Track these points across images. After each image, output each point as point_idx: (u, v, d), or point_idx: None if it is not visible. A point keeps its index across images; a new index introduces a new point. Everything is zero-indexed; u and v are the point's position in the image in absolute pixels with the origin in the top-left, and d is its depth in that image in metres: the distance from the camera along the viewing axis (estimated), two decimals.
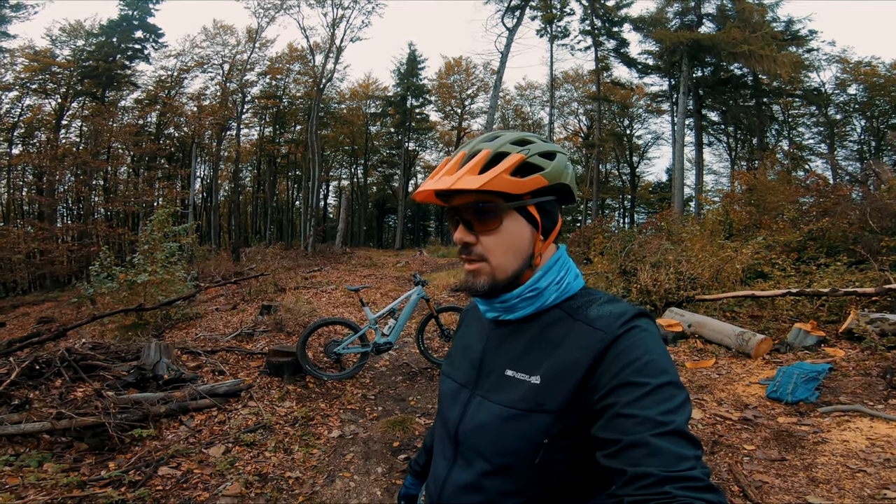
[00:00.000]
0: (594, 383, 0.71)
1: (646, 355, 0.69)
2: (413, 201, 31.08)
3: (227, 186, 32.71)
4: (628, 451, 0.62)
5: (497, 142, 0.81)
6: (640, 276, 6.83)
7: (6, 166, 22.52)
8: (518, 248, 0.81)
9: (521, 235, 0.81)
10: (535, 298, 0.82)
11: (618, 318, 0.74)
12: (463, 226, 0.81)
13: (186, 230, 9.20)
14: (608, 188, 32.83)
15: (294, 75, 27.78)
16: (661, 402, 0.64)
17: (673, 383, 0.67)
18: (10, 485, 2.51)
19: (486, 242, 0.80)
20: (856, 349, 4.55)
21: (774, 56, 16.41)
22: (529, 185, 0.78)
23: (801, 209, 10.01)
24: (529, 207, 0.81)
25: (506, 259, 0.81)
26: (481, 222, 0.80)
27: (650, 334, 0.73)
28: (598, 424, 0.68)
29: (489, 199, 0.78)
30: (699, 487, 0.58)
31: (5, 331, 10.40)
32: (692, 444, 0.62)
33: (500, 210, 0.79)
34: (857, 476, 2.64)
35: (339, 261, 17.65)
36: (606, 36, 23.32)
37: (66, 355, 4.00)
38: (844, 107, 21.96)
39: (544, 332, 0.81)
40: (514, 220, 0.80)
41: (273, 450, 3.32)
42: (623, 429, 0.64)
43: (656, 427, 0.62)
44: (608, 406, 0.67)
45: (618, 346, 0.71)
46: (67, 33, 22.41)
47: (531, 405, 0.75)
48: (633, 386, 0.66)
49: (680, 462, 0.59)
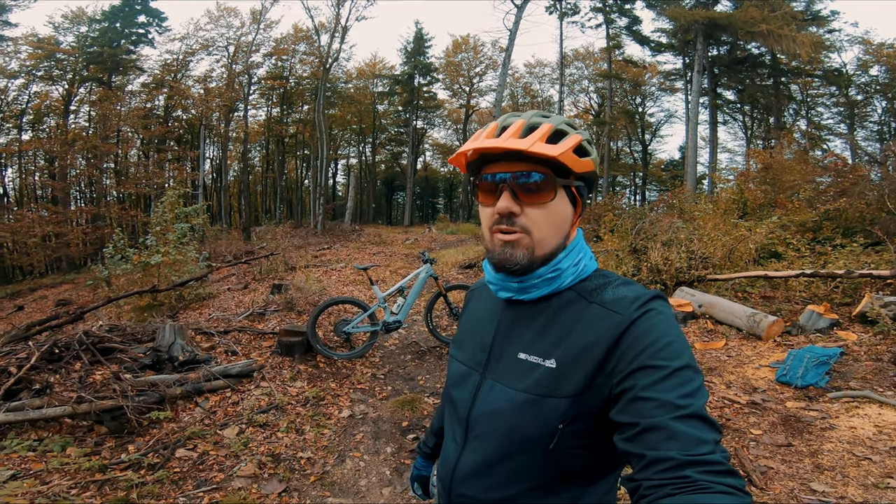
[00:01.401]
0: (611, 367, 0.70)
1: (663, 338, 0.69)
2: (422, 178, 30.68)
3: (236, 167, 32.81)
4: (647, 435, 0.62)
5: (554, 119, 0.81)
6: (651, 255, 6.77)
7: (17, 152, 22.75)
8: (561, 225, 0.81)
9: (565, 213, 0.82)
10: (554, 280, 0.81)
11: (634, 301, 0.74)
12: (510, 193, 0.79)
13: (197, 211, 9.24)
14: (619, 165, 32.40)
15: (300, 56, 27.55)
16: (680, 386, 0.64)
17: (691, 366, 0.67)
18: (35, 470, 2.60)
19: (533, 215, 0.79)
20: (868, 333, 4.49)
21: (794, 36, 15.86)
22: (584, 167, 0.80)
23: (817, 189, 9.79)
24: (573, 188, 0.82)
25: (550, 234, 0.80)
26: (532, 194, 0.78)
27: (666, 317, 0.73)
28: (617, 408, 0.68)
29: (546, 171, 0.78)
30: (719, 472, 0.58)
31: (24, 314, 10.66)
32: (711, 428, 0.62)
33: (554, 184, 0.79)
34: (863, 464, 2.64)
35: (348, 238, 17.71)
36: (618, 13, 22.70)
37: (83, 338, 4.09)
38: (865, 88, 21.39)
39: (558, 314, 0.80)
40: (562, 197, 0.81)
41: (285, 430, 3.40)
42: (642, 412, 0.64)
43: (675, 410, 0.62)
44: (626, 390, 0.67)
45: (635, 329, 0.71)
46: (70, 20, 22.36)
47: (546, 390, 0.75)
48: (651, 369, 0.66)
49: (699, 445, 0.59)
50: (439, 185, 44.35)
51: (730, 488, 0.56)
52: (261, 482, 2.78)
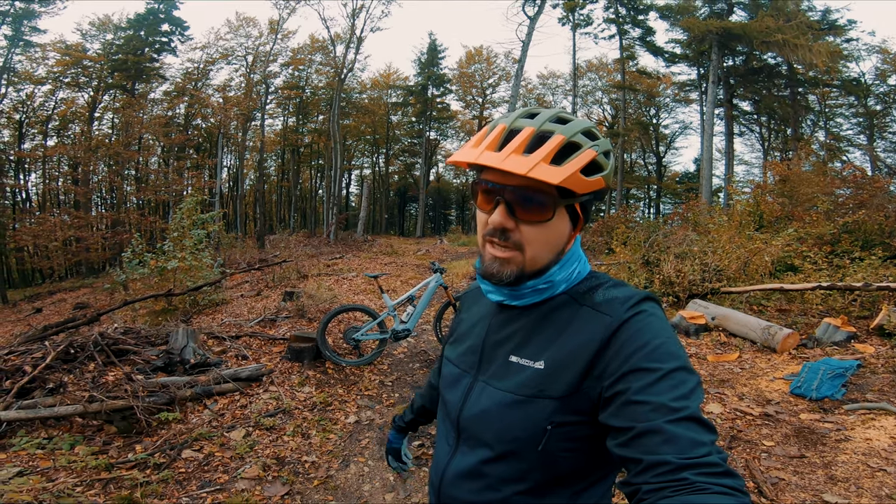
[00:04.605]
0: (601, 369, 0.69)
1: (655, 339, 0.68)
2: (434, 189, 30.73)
3: (252, 176, 33.37)
4: (642, 439, 0.61)
5: (569, 128, 0.74)
6: (664, 267, 6.70)
7: (41, 157, 23.43)
8: (556, 242, 0.78)
9: (563, 231, 0.78)
10: (545, 290, 0.80)
11: (624, 302, 0.73)
12: (505, 208, 0.75)
13: (213, 218, 9.44)
14: (633, 178, 32.18)
15: (316, 66, 28.17)
16: (674, 388, 0.63)
17: (684, 368, 0.66)
18: (42, 467, 2.64)
19: (528, 233, 0.75)
20: (886, 346, 4.39)
21: (810, 45, 15.72)
22: (592, 186, 0.74)
23: (836, 201, 9.63)
24: (576, 205, 0.78)
25: (542, 252, 0.77)
26: (529, 211, 0.74)
27: (657, 318, 0.72)
28: (609, 411, 0.67)
29: (547, 189, 0.73)
30: (717, 473, 0.57)
31: (42, 316, 10.90)
32: (707, 429, 0.61)
33: (555, 204, 0.74)
34: (877, 475, 2.57)
35: (360, 248, 17.83)
36: (631, 24, 22.74)
37: (98, 340, 4.17)
38: (884, 97, 21.02)
39: (549, 316, 0.79)
40: (561, 216, 0.76)
41: (291, 434, 3.41)
42: (636, 416, 0.63)
43: (670, 413, 0.61)
44: (618, 393, 0.66)
45: (625, 330, 0.70)
46: (97, 27, 23.16)
47: (535, 391, 0.74)
48: (643, 372, 0.65)
49: (696, 448, 0.58)
50: (452, 197, 44.48)
51: (728, 489, 0.56)
52: (264, 485, 2.79)
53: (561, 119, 0.77)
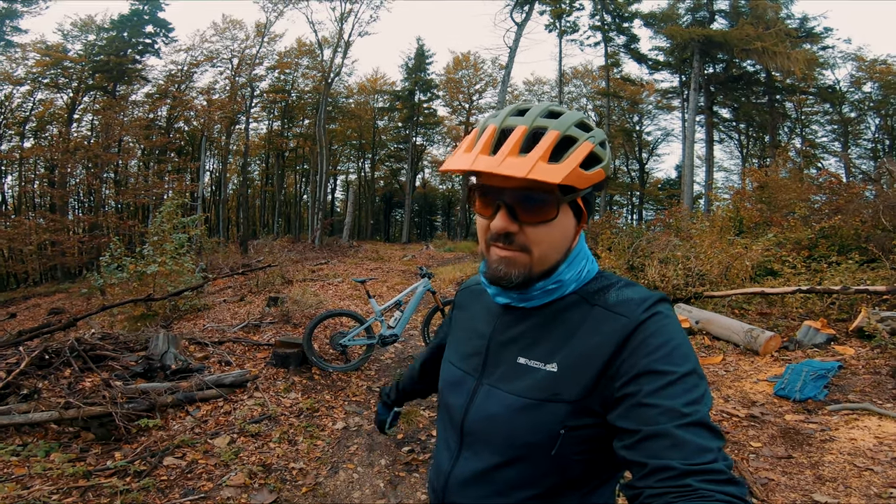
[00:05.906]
0: (615, 370, 0.68)
1: (671, 342, 0.67)
2: (420, 195, 30.68)
3: (235, 180, 32.99)
4: (649, 443, 0.60)
5: (562, 122, 0.72)
6: (648, 272, 6.79)
7: (18, 159, 22.81)
8: (563, 240, 0.76)
9: (569, 228, 0.76)
10: (555, 291, 0.78)
11: (640, 303, 0.71)
12: (506, 212, 0.72)
13: (195, 221, 9.25)
14: (616, 184, 32.58)
15: (302, 70, 27.94)
16: (686, 392, 0.62)
17: (696, 372, 0.65)
18: (17, 475, 2.53)
19: (533, 234, 0.73)
20: (866, 347, 4.49)
21: (788, 53, 16.16)
22: (593, 179, 0.72)
23: (812, 207, 9.88)
24: (579, 199, 0.76)
25: (550, 252, 0.75)
26: (532, 212, 0.72)
27: (672, 321, 0.71)
28: (617, 412, 0.66)
29: (548, 187, 0.71)
30: (721, 480, 0.56)
31: (16, 321, 10.56)
32: (715, 435, 0.60)
33: (558, 202, 0.72)
34: (864, 474, 2.62)
35: (345, 254, 17.71)
36: (616, 31, 23.08)
37: (75, 345, 4.04)
38: (859, 105, 21.62)
39: (559, 316, 0.77)
40: (565, 213, 0.74)
41: (278, 441, 3.34)
42: (644, 419, 0.62)
43: (680, 418, 0.60)
44: (629, 394, 0.65)
45: (641, 332, 0.68)
46: (79, 28, 22.63)
47: (547, 394, 0.72)
48: (657, 374, 0.64)
49: (702, 454, 0.58)
50: (437, 203, 44.53)
51: (731, 497, 0.55)
52: (251, 492, 2.72)
53: (552, 113, 0.74)
